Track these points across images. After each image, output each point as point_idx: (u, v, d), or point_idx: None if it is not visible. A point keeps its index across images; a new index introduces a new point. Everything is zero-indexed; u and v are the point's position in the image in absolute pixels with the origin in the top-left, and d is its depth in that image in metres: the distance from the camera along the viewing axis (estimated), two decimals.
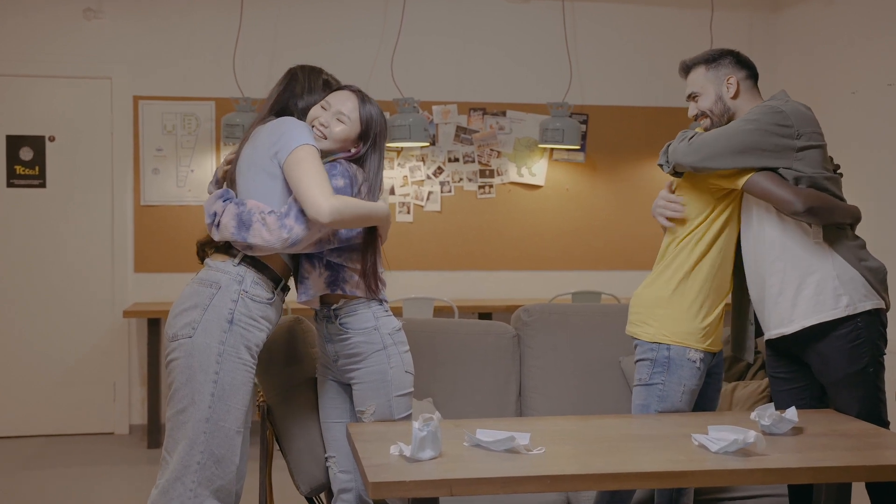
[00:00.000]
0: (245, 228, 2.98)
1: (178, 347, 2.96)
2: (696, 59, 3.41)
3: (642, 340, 3.36)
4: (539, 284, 6.96)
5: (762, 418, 2.94)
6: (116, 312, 6.52)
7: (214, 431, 2.90)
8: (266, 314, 3.04)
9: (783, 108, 3.19)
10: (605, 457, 2.73)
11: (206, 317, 2.94)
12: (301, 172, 2.93)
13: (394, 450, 2.69)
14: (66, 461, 5.95)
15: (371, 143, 3.20)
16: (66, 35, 6.51)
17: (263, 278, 3.05)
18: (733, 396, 4.03)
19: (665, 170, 3.34)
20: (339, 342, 3.18)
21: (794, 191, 3.12)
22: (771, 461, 2.66)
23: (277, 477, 3.61)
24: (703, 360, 3.32)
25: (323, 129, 3.14)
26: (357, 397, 3.19)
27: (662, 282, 3.37)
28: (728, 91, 3.32)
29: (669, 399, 3.29)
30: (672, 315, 3.31)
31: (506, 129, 6.98)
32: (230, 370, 2.94)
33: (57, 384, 6.56)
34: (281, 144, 2.99)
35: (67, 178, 6.54)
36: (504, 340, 4.08)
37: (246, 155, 3.10)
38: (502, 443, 2.71)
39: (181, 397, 2.93)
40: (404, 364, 3.19)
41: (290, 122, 3.08)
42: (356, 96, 3.21)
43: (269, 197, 3.03)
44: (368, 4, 6.82)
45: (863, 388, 3.23)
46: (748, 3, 7.16)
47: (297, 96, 3.21)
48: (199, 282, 3.03)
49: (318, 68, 3.32)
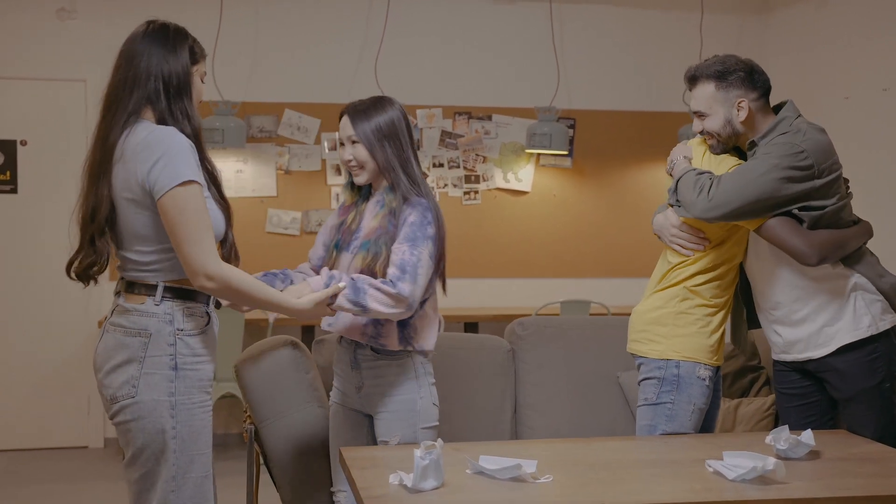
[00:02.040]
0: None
1: (122, 410, 2.64)
2: (705, 70, 3.19)
3: (649, 358, 3.22)
4: (526, 293, 6.83)
5: (778, 442, 2.82)
6: (91, 322, 6.33)
7: (182, 486, 2.65)
8: (208, 342, 2.72)
9: (802, 144, 3.03)
10: (616, 486, 2.60)
11: (146, 370, 2.61)
12: (183, 222, 2.55)
13: (393, 479, 2.54)
14: (38, 477, 5.76)
15: (396, 144, 3.00)
16: (38, 36, 6.31)
17: (193, 304, 2.68)
18: (737, 414, 3.91)
19: (678, 213, 3.16)
20: (368, 368, 3.03)
21: (807, 241, 3.02)
22: (793, 490, 2.53)
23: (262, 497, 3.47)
24: (711, 377, 3.20)
25: (352, 166, 3.01)
26: (381, 427, 3.02)
27: (667, 298, 3.24)
28: (739, 115, 3.14)
29: (678, 419, 3.15)
30: (680, 332, 3.18)
31: (491, 134, 6.85)
32: (187, 420, 2.64)
33: (29, 396, 6.36)
34: (157, 174, 2.55)
35: (40, 183, 6.33)
36: (499, 356, 3.93)
37: (121, 178, 2.63)
38: (508, 471, 2.57)
39: (143, 462, 2.65)
40: (432, 396, 3.06)
41: (167, 143, 2.59)
42: (347, 115, 3.03)
43: (147, 231, 2.64)
44: (351, 6, 6.66)
45: (879, 403, 3.16)
46: (739, 5, 7.06)
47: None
48: (123, 330, 2.64)
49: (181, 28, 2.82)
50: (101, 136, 2.67)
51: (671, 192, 3.20)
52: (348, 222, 3.09)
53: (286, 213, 6.60)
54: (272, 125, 6.58)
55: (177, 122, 2.65)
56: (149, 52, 2.66)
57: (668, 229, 3.23)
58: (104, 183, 2.64)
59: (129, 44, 2.69)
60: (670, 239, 3.22)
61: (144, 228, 2.63)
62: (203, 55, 2.78)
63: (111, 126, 2.65)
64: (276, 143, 6.59)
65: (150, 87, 2.64)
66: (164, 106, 2.65)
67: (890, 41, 5.78)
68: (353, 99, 3.10)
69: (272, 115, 6.57)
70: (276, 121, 6.58)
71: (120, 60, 2.69)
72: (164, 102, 2.65)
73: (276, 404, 3.27)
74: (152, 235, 2.63)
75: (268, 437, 3.27)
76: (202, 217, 2.58)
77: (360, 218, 3.08)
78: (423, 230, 2.93)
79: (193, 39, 2.76)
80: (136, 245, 2.66)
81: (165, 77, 2.65)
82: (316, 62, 6.63)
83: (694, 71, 3.22)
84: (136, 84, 2.64)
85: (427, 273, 2.93)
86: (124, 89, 2.65)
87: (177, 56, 2.68)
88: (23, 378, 6.36)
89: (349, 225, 3.08)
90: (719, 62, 3.18)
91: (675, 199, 3.17)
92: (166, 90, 2.65)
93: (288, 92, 6.59)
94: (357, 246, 3.00)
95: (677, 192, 3.14)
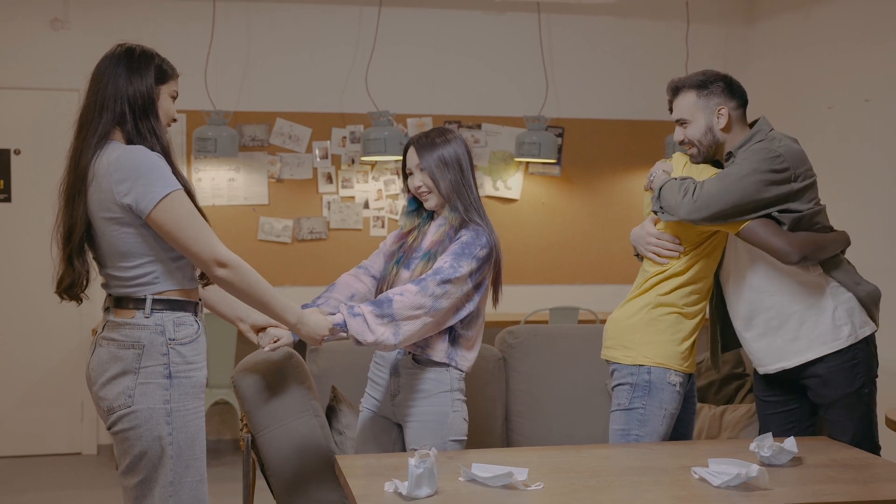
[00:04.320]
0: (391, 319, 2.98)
1: (119, 420, 2.72)
2: (686, 81, 3.33)
3: (622, 364, 3.32)
4: (515, 299, 6.87)
5: (762, 449, 2.89)
6: (84, 330, 6.37)
7: (179, 491, 2.74)
8: (199, 349, 2.80)
9: (779, 150, 3.16)
10: (606, 493, 2.66)
11: (141, 380, 2.70)
12: (181, 226, 2.65)
13: (388, 487, 2.61)
14: (32, 484, 5.79)
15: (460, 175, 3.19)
16: (32, 46, 6.35)
17: (182, 314, 2.76)
18: (723, 420, 3.98)
19: (662, 218, 3.26)
20: (406, 375, 3.16)
21: (788, 240, 3.12)
22: (776, 496, 2.61)
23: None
24: (682, 383, 3.30)
25: (422, 192, 3.19)
26: (411, 436, 3.14)
27: (640, 305, 3.33)
28: (719, 122, 3.27)
29: (650, 423, 3.25)
30: (652, 339, 3.28)
31: (481, 143, 6.92)
32: (183, 426, 2.73)
33: (22, 403, 6.39)
34: (138, 194, 2.64)
35: (33, 192, 6.37)
36: (490, 364, 4.01)
37: (95, 199, 2.70)
38: (500, 478, 2.64)
39: (140, 468, 2.73)
40: (463, 411, 3.19)
41: (138, 163, 2.67)
42: (413, 147, 3.22)
43: (129, 248, 2.72)
44: (342, 16, 6.72)
45: (858, 409, 3.25)
46: (724, 15, 7.15)
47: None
48: (116, 343, 2.72)
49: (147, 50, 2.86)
50: (74, 158, 2.76)
51: (654, 200, 3.29)
52: (409, 241, 3.27)
53: (278, 221, 6.66)
54: (264, 134, 6.64)
55: (145, 140, 2.73)
56: (115, 75, 2.74)
57: (644, 238, 3.35)
58: (79, 203, 2.72)
59: (98, 67, 2.79)
60: (646, 248, 3.33)
61: (126, 245, 2.71)
62: (173, 74, 2.86)
63: (83, 149, 2.74)
64: (268, 152, 6.64)
65: (116, 109, 2.72)
66: (132, 126, 2.73)
67: (872, 52, 5.86)
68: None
69: (264, 125, 6.63)
70: (267, 130, 6.64)
71: (90, 83, 2.78)
72: (130, 123, 2.73)
73: (273, 413, 3.33)
74: (135, 251, 2.71)
75: (265, 445, 3.32)
76: (196, 217, 2.69)
77: (423, 237, 3.25)
78: (471, 249, 3.10)
79: (162, 59, 2.84)
80: (119, 262, 2.73)
81: (130, 98, 2.73)
82: (307, 72, 6.69)
83: (676, 82, 3.35)
84: (104, 107, 2.73)
85: (462, 288, 3.07)
86: (94, 111, 2.74)
87: (141, 77, 2.75)
88: (16, 385, 6.39)
89: (411, 244, 3.26)
90: (700, 73, 3.35)
91: (658, 205, 3.26)
92: (132, 110, 2.73)
93: (279, 101, 6.65)
94: (418, 258, 3.17)
95: (660, 199, 3.24)
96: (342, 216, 6.73)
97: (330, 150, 6.70)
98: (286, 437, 3.32)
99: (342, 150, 6.70)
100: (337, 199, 6.73)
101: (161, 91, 2.79)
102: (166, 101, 2.82)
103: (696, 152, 3.32)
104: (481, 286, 3.17)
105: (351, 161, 6.72)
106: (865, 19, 5.95)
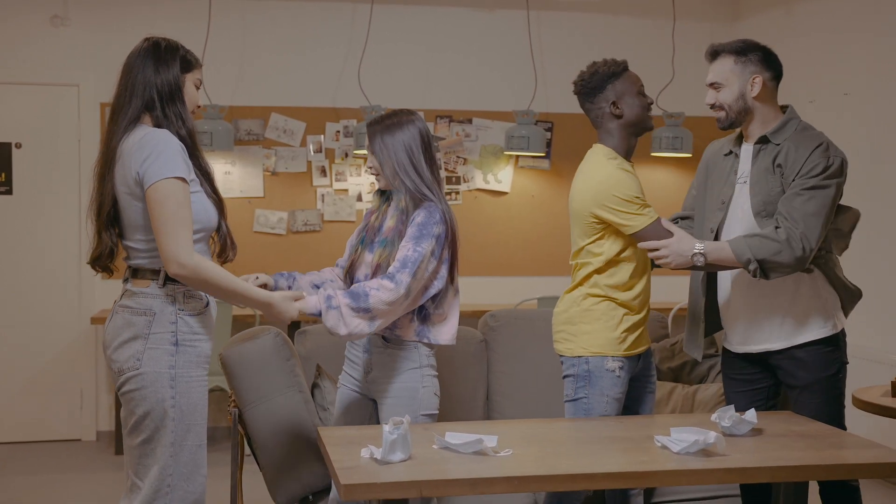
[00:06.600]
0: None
1: (128, 381, 2.90)
2: (726, 46, 3.38)
3: (566, 356, 3.42)
4: (505, 290, 7.02)
5: (722, 420, 3.02)
6: (84, 319, 6.51)
7: (180, 452, 2.91)
8: (206, 322, 2.99)
9: (841, 155, 3.30)
10: (571, 458, 2.80)
11: (150, 345, 2.89)
12: (163, 213, 2.82)
13: (364, 453, 2.75)
14: (32, 468, 5.93)
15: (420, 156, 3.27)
16: (33, 42, 6.50)
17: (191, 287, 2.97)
18: (695, 399, 4.12)
19: (771, 277, 3.22)
20: (378, 353, 3.27)
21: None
22: (731, 461, 2.74)
23: (247, 480, 3.64)
24: (622, 367, 3.36)
25: (373, 173, 3.32)
26: (385, 411, 3.26)
27: (574, 297, 3.44)
28: (752, 90, 3.34)
29: (595, 411, 3.34)
30: (587, 328, 3.37)
31: (472, 137, 7.05)
32: (186, 391, 2.92)
33: (23, 390, 6.53)
34: (146, 168, 2.84)
35: (34, 185, 6.52)
36: (472, 346, 4.14)
37: (120, 175, 2.92)
38: (470, 445, 2.77)
39: (144, 427, 2.90)
40: (433, 386, 3.30)
41: (157, 141, 2.87)
42: (367, 129, 3.31)
43: (143, 221, 2.90)
44: (335, 13, 6.86)
45: (831, 392, 3.36)
46: (709, 12, 7.29)
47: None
48: (130, 310, 2.92)
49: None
50: (107, 140, 2.99)
51: (749, 263, 3.19)
52: (372, 222, 3.39)
53: (273, 214, 6.80)
54: (259, 128, 6.78)
55: (171, 124, 2.95)
56: (144, 66, 2.96)
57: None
58: (108, 181, 2.95)
59: (129, 59, 3.01)
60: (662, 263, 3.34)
61: (140, 219, 2.92)
62: (197, 64, 3.08)
63: (114, 132, 2.96)
64: (263, 146, 6.79)
65: (146, 96, 2.95)
66: (160, 111, 2.95)
67: (850, 48, 5.99)
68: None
69: (259, 119, 6.78)
70: (262, 124, 6.78)
71: (121, 74, 3.01)
72: (159, 108, 2.95)
73: (259, 389, 3.47)
74: (148, 225, 2.90)
75: (251, 419, 3.46)
76: (181, 211, 2.85)
77: (383, 218, 3.36)
78: (427, 229, 3.19)
79: (186, 50, 3.06)
80: (136, 234, 2.95)
81: (158, 86, 2.95)
82: (301, 68, 6.82)
83: (716, 46, 3.41)
84: (133, 93, 2.95)
85: (428, 268, 3.18)
86: (125, 98, 2.97)
87: (168, 67, 2.97)
88: (18, 373, 6.53)
89: (373, 224, 3.38)
90: (740, 41, 3.41)
91: (755, 266, 3.18)
92: (160, 97, 2.95)
93: (274, 96, 6.80)
94: (377, 243, 3.28)
95: (757, 261, 3.18)
96: (336, 208, 6.87)
97: (324, 143, 6.84)
98: (272, 411, 3.45)
99: (336, 144, 6.85)
100: (331, 192, 6.87)
101: (186, 79, 3.01)
102: (191, 88, 3.04)
103: (723, 116, 3.37)
104: (446, 261, 3.28)
105: (344, 155, 6.86)
106: (845, 15, 6.08)
